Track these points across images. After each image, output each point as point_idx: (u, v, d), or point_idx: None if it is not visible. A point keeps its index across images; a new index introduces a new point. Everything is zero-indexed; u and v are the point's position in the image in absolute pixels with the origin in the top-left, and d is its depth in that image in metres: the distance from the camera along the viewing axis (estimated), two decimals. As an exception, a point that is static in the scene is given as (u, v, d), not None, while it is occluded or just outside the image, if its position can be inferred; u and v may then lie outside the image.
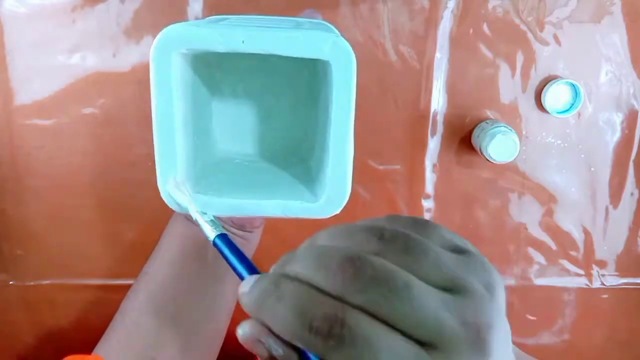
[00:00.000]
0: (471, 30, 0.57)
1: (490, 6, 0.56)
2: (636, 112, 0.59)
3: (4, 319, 0.63)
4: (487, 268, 0.22)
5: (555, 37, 0.57)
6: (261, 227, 0.47)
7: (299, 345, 0.20)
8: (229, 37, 0.31)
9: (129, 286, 0.45)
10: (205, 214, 0.31)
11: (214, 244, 0.29)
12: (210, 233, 0.30)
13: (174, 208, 0.35)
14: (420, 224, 0.23)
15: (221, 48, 0.32)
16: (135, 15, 0.55)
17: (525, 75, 0.58)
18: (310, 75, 0.42)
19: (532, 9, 0.56)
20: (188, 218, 0.44)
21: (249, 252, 0.45)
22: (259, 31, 0.32)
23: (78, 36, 0.56)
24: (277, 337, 0.21)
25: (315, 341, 0.20)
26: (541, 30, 0.57)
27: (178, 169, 0.34)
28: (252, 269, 0.26)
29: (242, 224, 0.44)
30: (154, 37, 0.31)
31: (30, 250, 0.61)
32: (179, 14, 0.55)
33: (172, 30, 0.32)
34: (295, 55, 0.32)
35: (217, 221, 0.31)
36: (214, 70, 0.41)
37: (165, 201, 0.35)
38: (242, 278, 0.26)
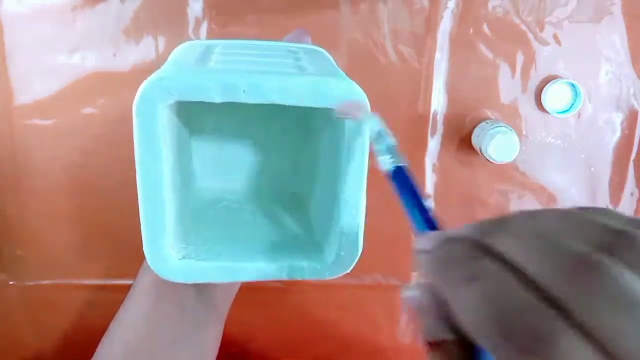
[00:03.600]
0: (471, 30, 0.57)
1: (490, 6, 0.56)
2: (636, 112, 0.59)
3: (4, 319, 0.63)
4: None
5: (555, 37, 0.57)
6: None
7: (482, 344, 0.16)
8: (228, 87, 0.27)
9: (129, 286, 0.44)
10: (382, 135, 0.26)
11: (390, 177, 0.25)
12: (387, 162, 0.25)
13: (163, 276, 0.31)
14: None
15: (219, 99, 0.28)
16: (135, 15, 0.55)
17: (525, 75, 0.58)
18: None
19: (532, 9, 0.56)
20: None
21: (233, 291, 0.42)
22: (261, 78, 0.28)
23: (78, 36, 0.56)
24: (452, 320, 0.17)
25: (509, 351, 0.15)
26: (541, 30, 0.57)
27: (167, 231, 0.30)
28: (431, 222, 0.22)
29: None
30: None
31: (30, 250, 0.61)
32: (179, 14, 0.55)
33: (160, 81, 0.27)
34: (303, 105, 0.28)
35: (394, 148, 0.26)
36: (191, 107, 0.37)
37: (152, 267, 0.31)
38: (418, 229, 0.21)
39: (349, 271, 0.32)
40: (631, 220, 0.19)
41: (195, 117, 0.39)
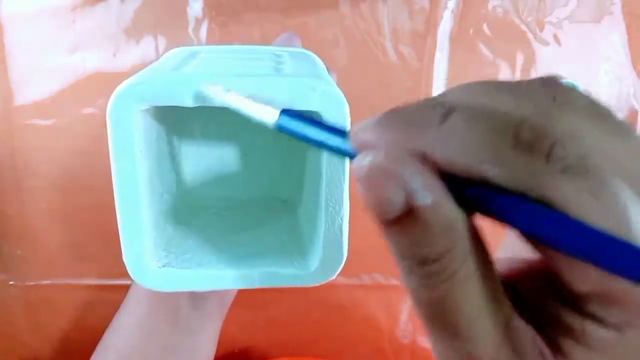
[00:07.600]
0: (471, 30, 0.57)
1: (490, 6, 0.56)
2: (636, 112, 0.58)
3: (4, 319, 0.63)
4: None
5: (555, 37, 0.57)
6: None
7: (486, 171, 0.14)
8: (199, 92, 0.27)
9: (129, 286, 0.44)
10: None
11: (279, 128, 0.21)
12: (268, 116, 0.22)
13: (143, 284, 0.31)
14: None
15: (192, 103, 0.28)
16: (136, 15, 0.55)
17: (525, 75, 0.58)
18: None
19: (532, 9, 0.56)
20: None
21: (218, 322, 0.42)
22: (236, 81, 0.27)
23: (78, 36, 0.56)
24: (428, 175, 0.14)
25: (527, 161, 0.13)
26: (541, 30, 0.57)
27: (145, 240, 0.31)
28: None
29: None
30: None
31: (30, 250, 0.61)
32: (179, 14, 0.55)
33: (133, 86, 0.28)
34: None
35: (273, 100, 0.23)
36: (179, 110, 0.36)
37: (132, 275, 0.31)
38: (339, 152, 0.18)
39: (333, 278, 0.31)
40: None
41: (182, 122, 0.38)
